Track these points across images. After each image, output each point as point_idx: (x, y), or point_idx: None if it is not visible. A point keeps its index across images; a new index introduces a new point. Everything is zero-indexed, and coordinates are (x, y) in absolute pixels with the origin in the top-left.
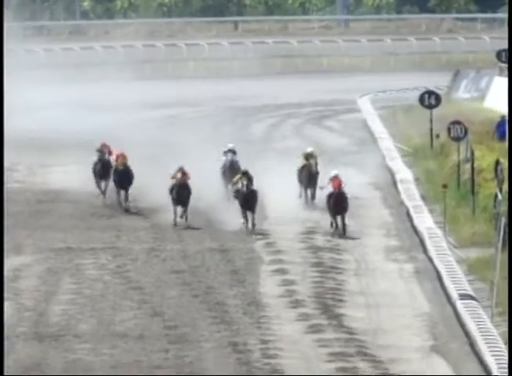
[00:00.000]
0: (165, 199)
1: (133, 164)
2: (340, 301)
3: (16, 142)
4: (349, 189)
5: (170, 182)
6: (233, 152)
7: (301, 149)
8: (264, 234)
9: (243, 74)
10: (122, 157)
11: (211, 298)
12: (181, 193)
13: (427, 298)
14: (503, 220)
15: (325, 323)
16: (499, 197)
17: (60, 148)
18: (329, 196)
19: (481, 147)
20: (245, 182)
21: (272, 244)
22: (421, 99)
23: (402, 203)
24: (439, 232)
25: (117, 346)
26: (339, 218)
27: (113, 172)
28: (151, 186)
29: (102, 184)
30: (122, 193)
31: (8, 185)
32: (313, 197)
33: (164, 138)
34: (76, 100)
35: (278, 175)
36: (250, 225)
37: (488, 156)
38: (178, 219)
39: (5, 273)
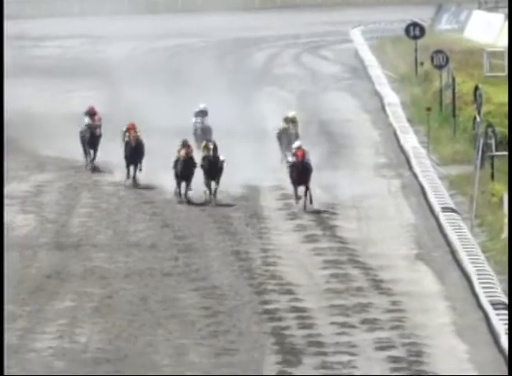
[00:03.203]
0: (172, 122)
1: (143, 89)
2: (334, 213)
3: (38, 70)
4: (342, 113)
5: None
6: (205, 113)
7: (299, 75)
8: (265, 155)
9: (245, 8)
10: (134, 130)
11: (217, 211)
12: (185, 168)
13: (412, 210)
14: (481, 140)
15: (319, 233)
16: (478, 119)
17: (79, 75)
18: (292, 166)
19: (461, 74)
20: (211, 150)
21: (271, 162)
22: (407, 31)
23: (389, 125)
24: (423, 151)
25: (131, 255)
26: (304, 191)
27: (125, 147)
28: (160, 108)
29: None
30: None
31: (33, 109)
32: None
33: (172, 65)
34: (92, 31)
35: (278, 99)
36: (211, 195)
37: (467, 82)
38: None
39: (30, 189)
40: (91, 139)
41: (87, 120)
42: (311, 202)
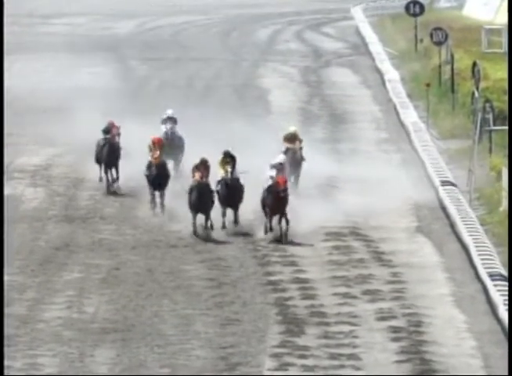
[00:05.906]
0: (179, 91)
1: (151, 64)
2: (335, 187)
3: (46, 46)
4: (343, 88)
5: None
6: (174, 120)
7: (302, 51)
8: (268, 127)
9: None
10: (159, 147)
11: None
12: (200, 198)
13: (412, 184)
14: (479, 115)
15: (322, 206)
16: (476, 94)
17: (86, 51)
18: (268, 191)
19: (459, 51)
20: (229, 170)
21: (275, 132)
22: (407, 8)
23: (390, 100)
24: (423, 125)
25: (138, 227)
26: (277, 220)
27: (147, 169)
28: (165, 82)
29: (105, 173)
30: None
31: (40, 85)
32: (296, 183)
33: (178, 41)
34: (99, 9)
35: (281, 74)
36: (229, 221)
37: (466, 58)
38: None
39: (40, 163)
40: (110, 155)
41: (105, 136)
42: (285, 237)
